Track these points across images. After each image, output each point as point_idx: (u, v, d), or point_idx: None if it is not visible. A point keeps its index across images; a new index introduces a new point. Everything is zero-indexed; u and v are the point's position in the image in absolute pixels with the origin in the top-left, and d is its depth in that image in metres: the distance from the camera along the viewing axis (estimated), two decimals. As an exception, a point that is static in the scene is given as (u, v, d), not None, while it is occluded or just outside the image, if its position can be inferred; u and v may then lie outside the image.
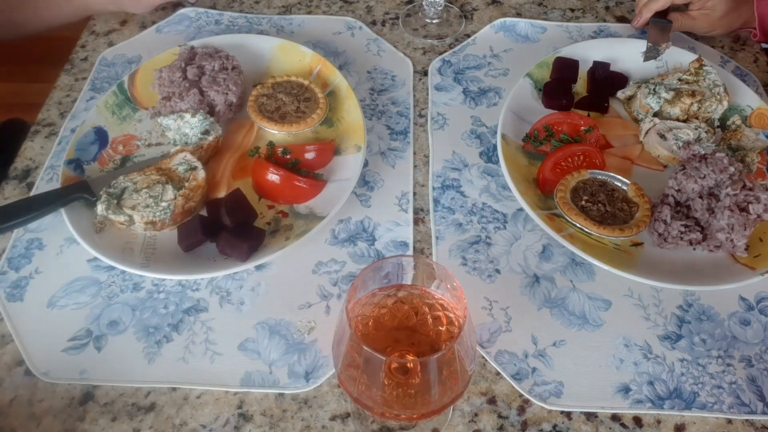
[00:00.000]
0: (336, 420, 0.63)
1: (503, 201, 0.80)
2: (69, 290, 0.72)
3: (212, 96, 0.84)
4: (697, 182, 0.74)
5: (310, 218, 0.76)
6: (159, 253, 0.73)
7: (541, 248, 0.75)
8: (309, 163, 0.81)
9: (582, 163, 0.80)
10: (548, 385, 0.65)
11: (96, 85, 0.93)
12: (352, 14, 1.03)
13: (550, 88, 0.88)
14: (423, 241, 0.77)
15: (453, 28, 1.02)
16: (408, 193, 0.81)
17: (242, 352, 0.67)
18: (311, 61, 0.92)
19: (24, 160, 0.84)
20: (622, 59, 0.93)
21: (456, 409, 0.64)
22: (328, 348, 0.67)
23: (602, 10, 1.05)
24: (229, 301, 0.71)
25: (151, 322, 0.69)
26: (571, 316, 0.70)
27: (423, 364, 0.51)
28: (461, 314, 0.55)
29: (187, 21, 1.02)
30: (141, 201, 0.73)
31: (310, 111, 0.85)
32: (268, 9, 1.04)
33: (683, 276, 0.71)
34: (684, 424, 0.64)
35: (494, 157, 0.84)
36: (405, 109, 0.90)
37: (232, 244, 0.70)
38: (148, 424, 0.63)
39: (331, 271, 0.74)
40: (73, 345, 0.68)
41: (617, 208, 0.76)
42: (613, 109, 0.89)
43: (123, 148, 0.83)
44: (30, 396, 0.65)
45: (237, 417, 0.63)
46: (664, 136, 0.82)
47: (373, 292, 0.57)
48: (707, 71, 0.87)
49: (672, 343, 0.68)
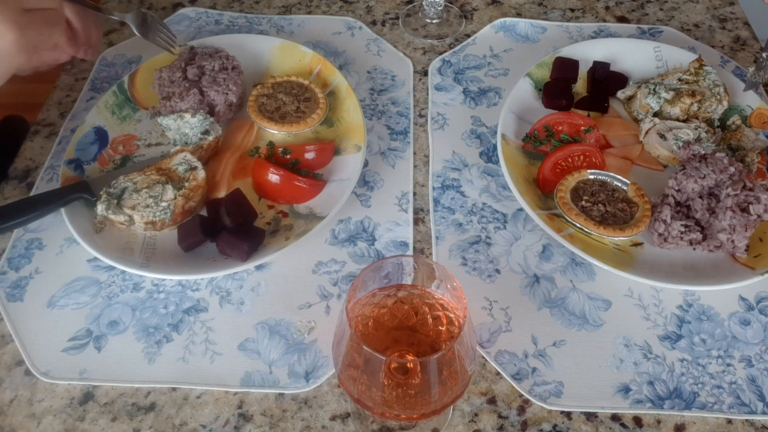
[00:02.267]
0: (336, 420, 0.63)
1: (503, 201, 0.80)
2: (69, 290, 0.72)
3: (212, 96, 0.84)
4: (697, 182, 0.74)
5: (310, 218, 0.76)
6: (159, 253, 0.73)
7: (541, 248, 0.75)
8: (309, 163, 0.81)
9: (582, 163, 0.80)
10: (548, 385, 0.65)
11: (96, 85, 0.93)
12: (352, 14, 1.03)
13: (550, 88, 0.88)
14: (423, 241, 0.77)
15: (453, 28, 1.02)
16: (408, 193, 0.81)
17: (242, 352, 0.67)
18: (311, 61, 0.92)
19: (24, 160, 0.85)
20: (622, 59, 0.93)
21: (456, 409, 0.64)
22: (328, 348, 0.67)
23: (602, 10, 1.05)
24: (229, 301, 0.71)
25: (151, 322, 0.69)
26: (571, 316, 0.70)
27: (423, 364, 0.51)
28: (461, 314, 0.55)
29: (187, 21, 1.02)
30: (141, 201, 0.73)
31: (310, 111, 0.85)
32: (268, 9, 1.04)
33: (683, 276, 0.71)
34: (684, 424, 0.64)
35: (494, 157, 0.84)
36: (405, 109, 0.90)
37: (232, 244, 0.70)
38: (148, 424, 0.63)
39: (331, 271, 0.74)
40: (73, 345, 0.68)
41: (617, 208, 0.76)
42: (613, 109, 0.89)
43: (123, 148, 0.83)
44: (30, 396, 0.65)
45: (237, 417, 0.63)
46: (664, 136, 0.82)
47: (373, 292, 0.57)
48: (707, 71, 0.87)
49: (672, 343, 0.68)
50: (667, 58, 0.92)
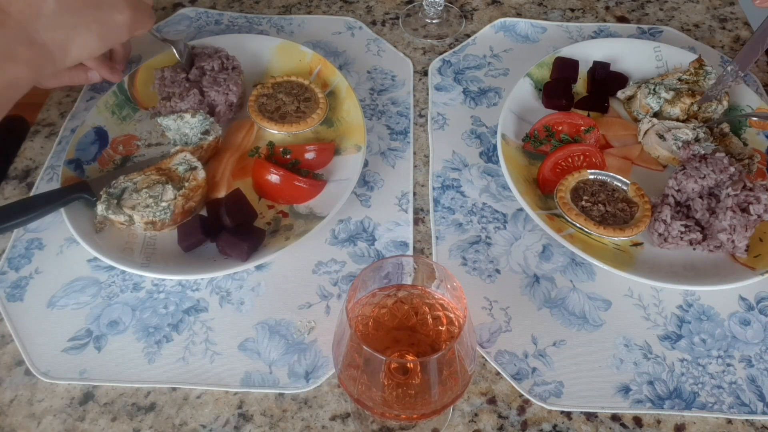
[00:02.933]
0: (336, 420, 0.63)
1: (503, 201, 0.80)
2: (69, 290, 0.72)
3: (212, 96, 0.84)
4: (697, 182, 0.74)
5: (310, 218, 0.76)
6: (159, 253, 0.73)
7: (541, 248, 0.75)
8: (309, 163, 0.81)
9: (582, 163, 0.80)
10: (548, 385, 0.65)
11: (96, 85, 0.92)
12: (352, 14, 1.03)
13: (550, 88, 0.88)
14: (423, 241, 0.77)
15: (453, 28, 1.02)
16: (408, 193, 0.81)
17: (242, 352, 0.67)
18: (311, 61, 0.92)
19: (24, 160, 0.85)
20: (622, 59, 0.93)
21: (456, 409, 0.64)
22: (328, 348, 0.67)
23: (602, 10, 1.05)
24: (229, 301, 0.71)
25: (151, 322, 0.69)
26: (571, 316, 0.70)
27: (423, 364, 0.51)
28: (461, 314, 0.55)
29: (187, 21, 1.02)
30: (141, 201, 0.73)
31: (310, 111, 0.85)
32: (268, 9, 1.04)
33: (683, 276, 0.71)
34: (684, 424, 0.64)
35: (494, 157, 0.84)
36: (405, 109, 0.90)
37: (232, 244, 0.70)
38: (148, 424, 0.63)
39: (331, 271, 0.74)
40: (73, 345, 0.68)
41: (617, 208, 0.76)
42: (613, 109, 0.89)
43: (123, 148, 0.83)
44: (30, 396, 0.65)
45: (237, 417, 0.63)
46: (663, 137, 0.82)
47: (373, 292, 0.57)
48: (707, 71, 0.87)
49: (672, 343, 0.68)
50: (667, 58, 0.92)
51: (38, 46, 0.61)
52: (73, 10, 0.62)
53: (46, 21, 0.60)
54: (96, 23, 0.64)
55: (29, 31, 0.60)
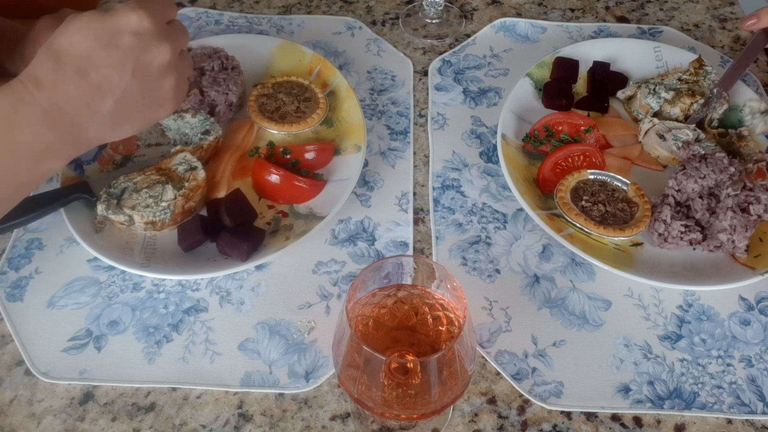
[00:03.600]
0: (336, 420, 0.63)
1: (503, 201, 0.80)
2: (69, 290, 0.72)
3: (213, 96, 0.84)
4: (697, 182, 0.74)
5: (310, 218, 0.76)
6: (159, 253, 0.73)
7: (541, 248, 0.75)
8: (309, 163, 0.81)
9: (582, 163, 0.80)
10: (548, 385, 0.65)
11: (96, 85, 0.92)
12: (352, 14, 1.03)
13: (550, 88, 0.88)
14: (423, 241, 0.77)
15: (453, 28, 1.02)
16: (408, 193, 0.81)
17: (242, 352, 0.67)
18: (311, 61, 0.92)
19: (24, 160, 0.84)
20: (622, 59, 0.93)
21: (456, 409, 0.64)
22: (328, 348, 0.67)
23: (602, 10, 1.05)
24: (229, 301, 0.71)
25: (151, 322, 0.69)
26: (571, 316, 0.70)
27: (423, 364, 0.51)
28: (461, 314, 0.55)
29: (187, 21, 1.02)
30: (141, 201, 0.73)
31: (310, 111, 0.85)
32: (268, 9, 1.04)
33: (683, 276, 0.71)
34: (684, 424, 0.64)
35: (494, 157, 0.84)
36: (405, 109, 0.90)
37: (232, 244, 0.70)
38: (148, 424, 0.63)
39: (331, 271, 0.74)
40: (73, 345, 0.68)
41: (617, 208, 0.76)
42: (613, 109, 0.89)
43: (123, 148, 0.83)
44: (30, 396, 0.65)
45: (237, 417, 0.63)
46: (663, 137, 0.82)
47: (373, 292, 0.57)
48: (707, 71, 0.87)
49: (672, 343, 0.68)
50: (667, 58, 0.92)
51: (82, 143, 0.59)
52: (126, 110, 0.59)
53: (99, 120, 0.58)
54: (140, 120, 0.62)
55: (80, 131, 0.58)
